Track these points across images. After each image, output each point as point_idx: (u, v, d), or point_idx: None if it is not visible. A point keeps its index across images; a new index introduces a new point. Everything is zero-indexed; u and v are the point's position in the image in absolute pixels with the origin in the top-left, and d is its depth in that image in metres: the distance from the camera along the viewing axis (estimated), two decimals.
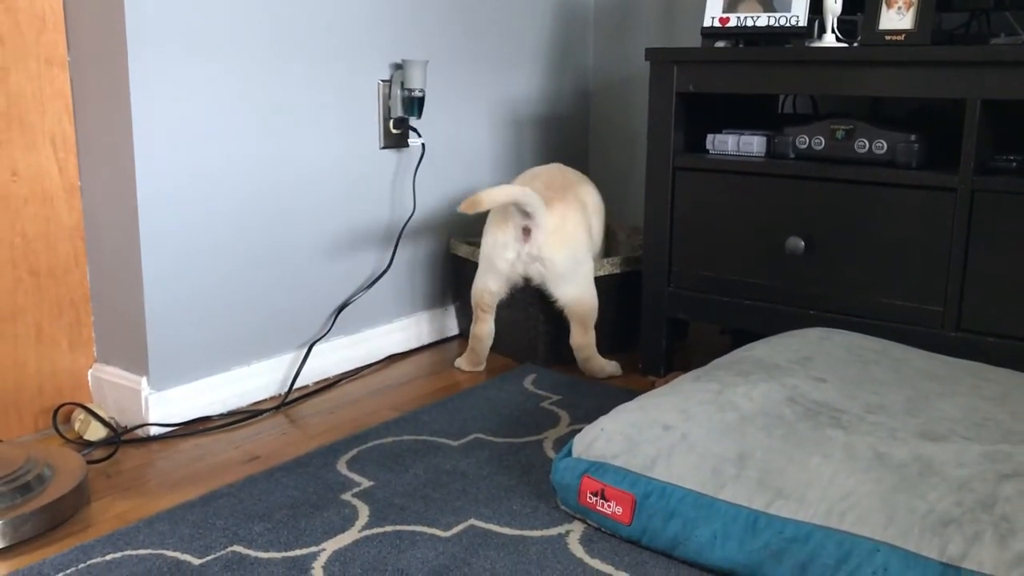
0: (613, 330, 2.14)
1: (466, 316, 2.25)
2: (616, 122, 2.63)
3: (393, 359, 2.17)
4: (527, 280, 2.00)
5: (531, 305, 2.06)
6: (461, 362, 2.10)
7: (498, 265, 1.98)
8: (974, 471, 1.17)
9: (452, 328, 2.33)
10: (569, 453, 1.40)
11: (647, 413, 1.38)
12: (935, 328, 1.68)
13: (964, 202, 1.62)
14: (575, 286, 1.98)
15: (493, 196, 1.88)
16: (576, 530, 1.35)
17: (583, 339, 2.01)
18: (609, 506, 1.31)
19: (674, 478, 1.27)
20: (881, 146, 1.73)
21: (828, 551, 1.13)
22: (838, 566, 1.12)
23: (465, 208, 1.87)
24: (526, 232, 1.95)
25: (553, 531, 1.34)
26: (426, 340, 2.27)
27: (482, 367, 2.08)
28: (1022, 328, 1.60)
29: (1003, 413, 1.36)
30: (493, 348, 2.12)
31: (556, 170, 2.13)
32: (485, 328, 2.05)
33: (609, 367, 2.04)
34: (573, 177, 2.12)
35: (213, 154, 1.75)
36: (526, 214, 1.93)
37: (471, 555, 1.28)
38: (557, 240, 1.95)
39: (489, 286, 2.01)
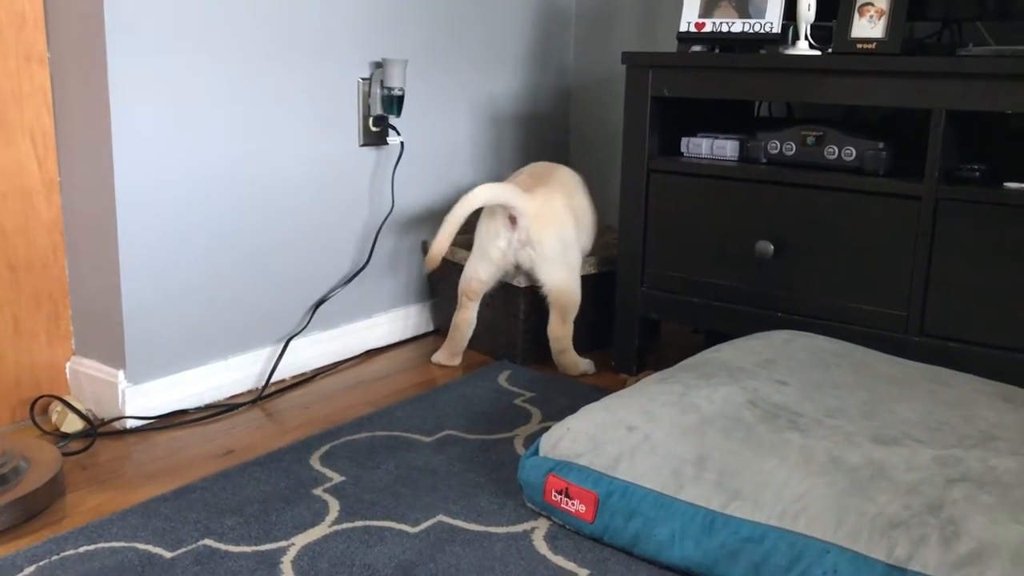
0: (588, 328, 2.17)
1: (443, 312, 2.28)
2: (596, 121, 2.66)
3: (370, 354, 2.19)
4: (517, 267, 2.04)
5: (512, 304, 2.09)
6: (438, 356, 2.13)
7: (491, 253, 2.03)
8: (924, 475, 1.21)
9: (429, 324, 2.36)
10: (536, 452, 1.43)
11: (612, 414, 1.41)
12: (899, 332, 1.72)
13: (928, 210, 1.65)
14: (563, 271, 2.02)
15: (455, 216, 1.98)
16: (541, 527, 1.38)
17: (561, 330, 2.04)
18: (573, 504, 1.34)
19: (636, 478, 1.30)
20: (850, 153, 1.76)
21: (781, 551, 1.17)
22: (790, 566, 1.16)
23: (431, 263, 2.02)
24: (512, 220, 2.00)
25: (519, 528, 1.38)
26: (403, 336, 2.29)
27: (458, 360, 2.12)
28: (982, 334, 1.64)
29: (957, 417, 1.40)
30: (473, 346, 2.15)
31: (541, 164, 2.19)
32: (467, 315, 2.08)
33: (583, 364, 2.07)
34: (558, 168, 2.17)
35: (192, 150, 1.77)
36: (505, 206, 1.99)
37: (437, 551, 1.31)
38: (543, 222, 2.00)
39: (479, 274, 2.04)
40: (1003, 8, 1.80)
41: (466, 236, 2.14)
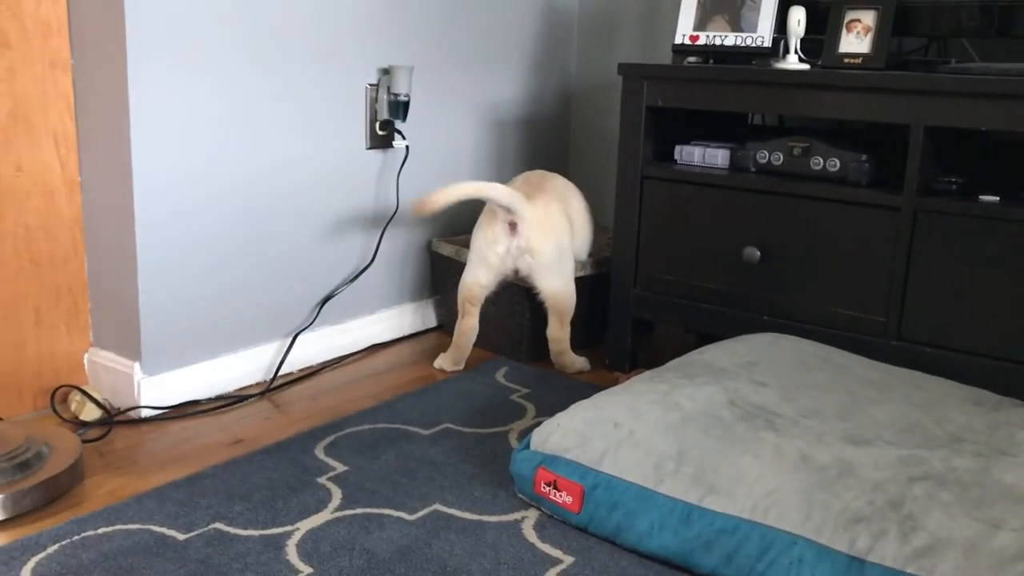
0: (583, 327, 2.25)
1: (445, 308, 2.37)
2: (596, 126, 2.74)
3: (374, 349, 2.28)
4: (516, 272, 2.09)
5: (517, 303, 2.17)
6: (442, 362, 2.15)
7: (489, 259, 2.08)
8: (889, 474, 1.29)
9: (432, 320, 2.45)
10: (527, 446, 1.51)
11: (600, 411, 1.50)
12: (878, 337, 1.80)
13: (907, 221, 1.73)
14: (560, 279, 2.09)
15: (463, 188, 2.00)
16: (531, 517, 1.46)
17: (560, 332, 2.12)
18: (560, 496, 1.43)
19: (619, 472, 1.39)
20: (834, 164, 1.84)
21: (752, 543, 1.25)
22: (760, 556, 1.24)
23: (425, 207, 2.00)
24: (512, 226, 2.06)
25: (510, 517, 1.46)
26: (407, 331, 2.38)
27: (461, 366, 2.15)
28: (957, 339, 1.71)
29: (928, 419, 1.48)
30: (477, 343, 2.22)
31: (536, 173, 2.25)
32: (471, 322, 2.13)
33: (579, 363, 2.16)
34: (553, 177, 2.23)
35: (207, 152, 1.86)
36: (508, 210, 2.04)
37: (433, 537, 1.39)
38: (542, 230, 2.06)
39: (480, 279, 2.10)
40: (986, 26, 1.87)
41: (463, 237, 2.21)
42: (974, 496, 1.24)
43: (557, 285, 2.09)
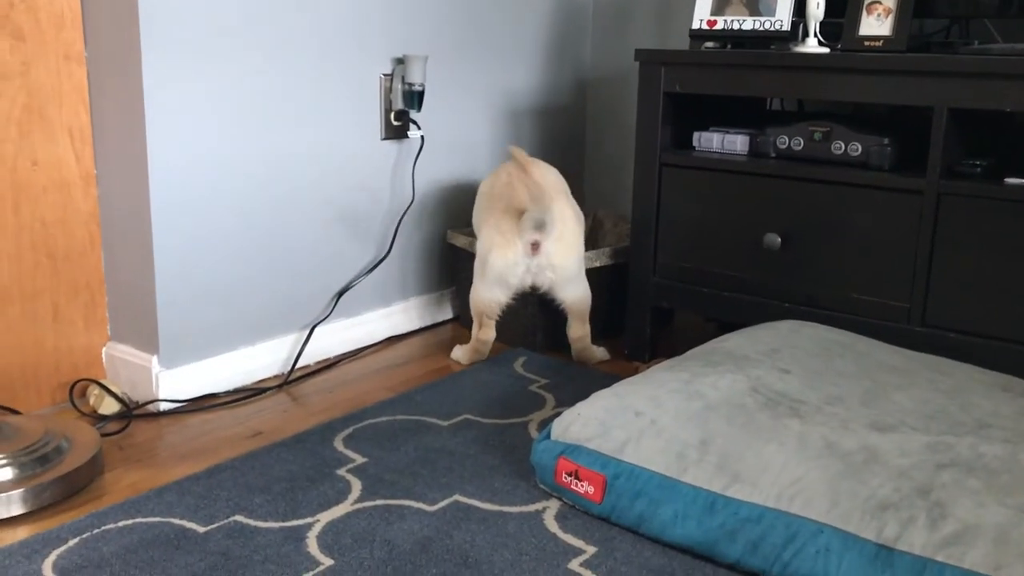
0: (602, 317, 2.24)
1: (462, 301, 2.36)
2: (612, 114, 2.72)
3: (391, 341, 2.27)
4: (534, 288, 2.05)
5: (529, 294, 2.15)
6: (459, 355, 2.13)
7: (510, 281, 2.02)
8: (915, 460, 1.27)
9: (448, 312, 2.44)
10: (548, 436, 1.50)
11: (621, 400, 1.48)
12: (901, 323, 1.77)
13: (930, 205, 1.70)
14: (580, 286, 2.07)
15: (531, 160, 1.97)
16: (552, 507, 1.45)
17: (582, 331, 2.10)
18: (582, 486, 1.41)
19: (642, 461, 1.37)
20: (856, 148, 1.82)
21: (777, 531, 1.24)
22: (785, 545, 1.22)
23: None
24: (535, 246, 1.99)
25: (531, 508, 1.45)
26: (423, 323, 2.37)
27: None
28: (982, 324, 1.69)
29: (954, 406, 1.46)
30: None
31: (513, 165, 2.08)
32: (491, 333, 2.10)
33: (599, 353, 2.14)
34: (544, 169, 2.14)
35: (221, 144, 1.85)
36: (538, 230, 1.97)
37: (454, 528, 1.38)
38: (564, 245, 2.01)
39: (499, 297, 2.05)
40: (1008, 5, 1.84)
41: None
42: (1003, 482, 1.22)
43: (577, 293, 2.07)
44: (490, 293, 2.05)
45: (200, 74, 1.79)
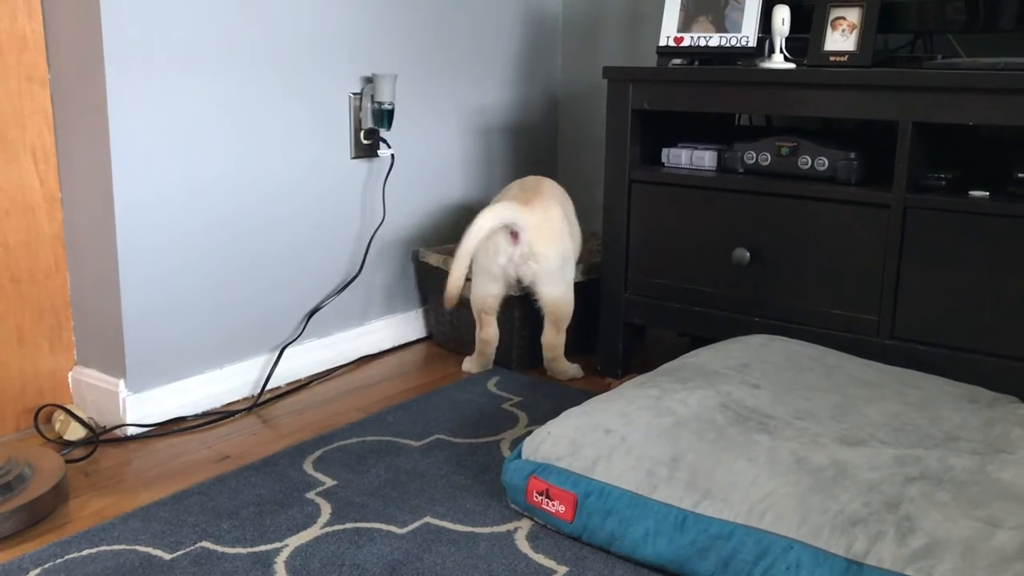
0: (575, 333, 2.23)
1: (434, 319, 2.35)
2: (584, 130, 2.72)
3: (363, 361, 2.26)
4: (519, 282, 2.08)
5: (508, 312, 2.14)
6: (470, 365, 2.17)
7: (493, 271, 2.06)
8: (884, 474, 1.27)
9: (420, 331, 2.42)
10: (519, 455, 1.49)
11: (591, 417, 1.48)
12: (871, 336, 1.78)
13: (897, 218, 1.71)
14: (561, 284, 2.07)
15: (464, 249, 2.01)
16: (524, 527, 1.44)
17: (555, 339, 2.10)
18: (553, 505, 1.40)
19: (612, 479, 1.37)
20: (823, 163, 1.83)
21: (748, 548, 1.23)
22: (756, 561, 1.22)
23: (450, 301, 2.07)
24: (514, 236, 2.03)
25: (502, 528, 1.44)
26: (395, 343, 2.36)
27: (490, 367, 2.17)
28: (950, 336, 1.70)
29: (923, 418, 1.46)
30: (467, 352, 2.20)
31: (530, 178, 2.22)
32: (492, 331, 2.12)
33: (572, 369, 2.14)
34: (546, 181, 2.21)
35: (189, 164, 1.83)
36: (514, 218, 2.02)
37: (424, 551, 1.37)
38: (544, 235, 2.04)
39: (491, 290, 2.08)
40: (972, 21, 1.86)
41: (449, 246, 2.19)
42: (971, 495, 1.22)
43: (558, 292, 2.07)
44: (482, 287, 2.09)
45: (166, 93, 1.77)
